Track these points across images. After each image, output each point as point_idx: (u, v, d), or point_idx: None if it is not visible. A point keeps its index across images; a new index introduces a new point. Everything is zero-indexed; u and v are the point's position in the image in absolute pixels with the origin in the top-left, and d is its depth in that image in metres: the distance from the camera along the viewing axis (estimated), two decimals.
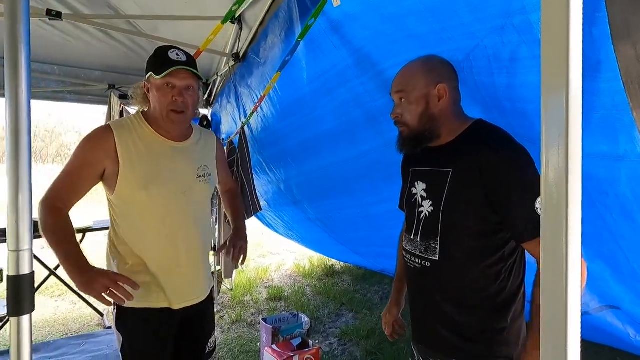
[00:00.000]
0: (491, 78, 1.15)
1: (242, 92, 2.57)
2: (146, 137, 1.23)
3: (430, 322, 1.07)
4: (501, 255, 0.97)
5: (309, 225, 3.23)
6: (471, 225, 0.97)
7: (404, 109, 1.04)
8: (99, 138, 1.19)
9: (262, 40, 2.02)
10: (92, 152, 1.17)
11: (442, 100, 1.01)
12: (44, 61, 3.21)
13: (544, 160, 0.46)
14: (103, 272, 1.11)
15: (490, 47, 1.08)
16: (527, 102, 1.09)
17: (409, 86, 1.03)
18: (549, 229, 0.43)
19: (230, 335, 3.12)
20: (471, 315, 1.00)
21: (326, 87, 1.73)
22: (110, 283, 1.07)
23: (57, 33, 2.69)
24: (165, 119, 1.21)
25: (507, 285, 0.98)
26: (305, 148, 2.30)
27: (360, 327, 3.19)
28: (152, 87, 1.21)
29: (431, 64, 1.04)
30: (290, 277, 4.72)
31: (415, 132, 1.04)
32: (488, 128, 1.03)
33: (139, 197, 1.19)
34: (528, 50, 1.00)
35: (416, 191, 1.10)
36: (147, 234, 1.22)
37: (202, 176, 1.32)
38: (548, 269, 0.42)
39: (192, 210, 1.28)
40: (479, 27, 1.07)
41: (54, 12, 1.71)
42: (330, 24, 1.48)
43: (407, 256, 1.12)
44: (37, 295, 3.57)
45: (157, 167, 1.22)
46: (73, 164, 1.18)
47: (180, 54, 1.20)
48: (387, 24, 1.31)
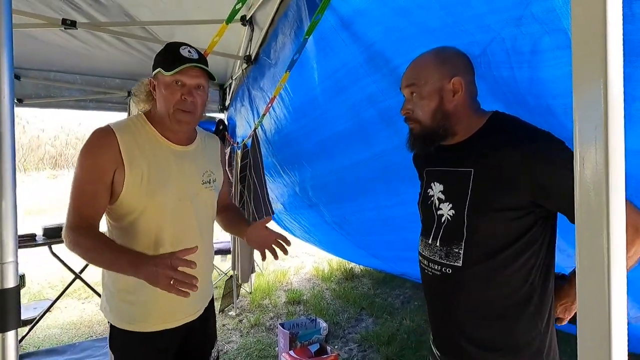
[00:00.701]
0: (511, 72, 1.06)
1: (255, 94, 2.55)
2: (150, 140, 1.15)
3: (452, 332, 0.99)
4: (528, 257, 0.89)
5: (326, 229, 3.18)
6: (501, 228, 0.89)
7: (415, 105, 0.97)
8: (101, 143, 1.09)
9: (272, 40, 1.99)
10: (97, 158, 1.07)
11: (457, 95, 0.93)
12: (66, 71, 3.32)
13: (579, 158, 0.40)
14: (158, 261, 0.96)
15: (509, 40, 1.00)
16: (553, 97, 0.99)
17: (420, 79, 0.95)
18: (586, 235, 0.37)
19: (249, 339, 3.10)
20: (497, 325, 0.93)
21: (338, 87, 1.68)
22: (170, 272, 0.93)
23: (78, 43, 2.77)
24: (171, 119, 1.12)
25: (536, 292, 0.90)
26: (319, 150, 2.25)
27: (381, 332, 3.10)
28: (160, 84, 1.11)
29: (445, 55, 0.96)
30: (310, 280, 4.68)
31: (428, 130, 0.96)
32: (508, 121, 0.95)
33: (143, 205, 1.11)
34: (551, 41, 0.90)
35: (433, 193, 1.02)
36: (149, 244, 1.13)
37: (208, 182, 1.25)
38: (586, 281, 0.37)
39: (197, 219, 1.21)
40: (494, 19, 0.99)
41: (69, 21, 1.74)
42: (340, 20, 1.42)
43: (423, 262, 1.04)
44: (64, 298, 3.68)
45: (162, 172, 1.13)
46: (82, 178, 1.08)
47: (192, 51, 1.12)
48: (397, 18, 1.25)
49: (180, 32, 2.48)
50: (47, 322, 3.44)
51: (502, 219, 0.88)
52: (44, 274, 4.96)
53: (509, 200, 0.87)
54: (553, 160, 0.82)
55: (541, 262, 0.90)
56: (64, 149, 23.14)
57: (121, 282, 1.13)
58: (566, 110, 0.96)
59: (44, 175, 19.22)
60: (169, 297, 0.96)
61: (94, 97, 3.56)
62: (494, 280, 0.91)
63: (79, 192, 1.07)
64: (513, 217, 0.87)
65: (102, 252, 1.03)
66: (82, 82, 3.44)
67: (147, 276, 0.95)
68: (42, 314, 3.22)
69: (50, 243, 3.09)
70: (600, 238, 0.36)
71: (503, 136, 0.89)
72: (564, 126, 0.98)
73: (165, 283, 0.93)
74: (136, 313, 1.13)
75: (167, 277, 0.93)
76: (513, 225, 0.88)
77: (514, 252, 0.89)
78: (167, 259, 0.96)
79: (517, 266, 0.89)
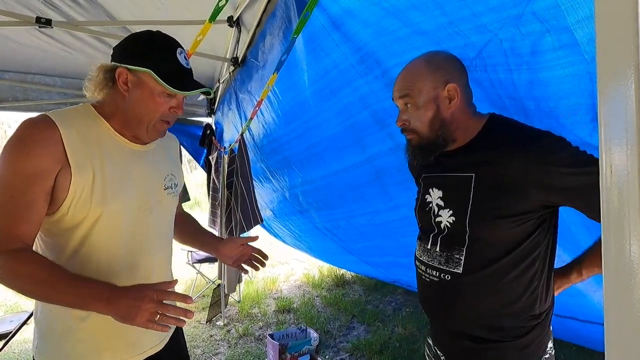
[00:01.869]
0: (509, 75, 1.02)
1: (242, 98, 2.48)
2: (102, 137, 0.93)
3: (452, 337, 0.96)
4: (531, 262, 0.87)
5: (317, 235, 3.11)
6: (504, 234, 0.86)
7: (411, 115, 0.93)
8: (38, 138, 0.84)
9: (260, 42, 1.93)
10: (32, 160, 0.82)
11: (453, 101, 0.90)
12: (45, 73, 3.19)
13: (605, 164, 0.37)
14: (138, 294, 0.80)
15: (507, 41, 0.95)
16: (556, 99, 0.95)
17: (414, 90, 0.91)
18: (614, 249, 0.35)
19: (237, 350, 3.00)
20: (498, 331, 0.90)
21: (329, 89, 1.62)
22: (157, 307, 0.78)
23: (58, 45, 2.66)
24: (150, 128, 0.95)
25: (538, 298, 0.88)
26: (310, 155, 2.19)
27: (373, 341, 3.03)
28: (143, 87, 0.91)
29: (436, 61, 0.92)
30: (300, 287, 4.59)
31: (427, 140, 0.93)
32: (506, 123, 0.92)
33: (93, 217, 0.89)
34: (553, 41, 0.86)
35: (431, 199, 0.99)
36: (98, 264, 0.91)
37: (170, 187, 1.07)
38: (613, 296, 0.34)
39: (158, 231, 1.04)
40: (492, 18, 0.94)
41: (44, 19, 1.64)
42: (330, 20, 1.37)
43: (420, 267, 1.00)
44: None
45: (119, 176, 0.93)
46: (12, 184, 0.82)
47: (186, 57, 0.98)
48: (389, 19, 1.20)
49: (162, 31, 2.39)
50: (23, 335, 3.27)
51: (505, 225, 0.85)
52: None
53: (514, 206, 0.84)
54: (562, 160, 0.79)
55: (543, 266, 0.88)
56: None
57: (65, 315, 0.91)
58: (571, 112, 0.92)
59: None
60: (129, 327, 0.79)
61: (74, 100, 3.42)
62: (495, 287, 0.88)
63: (7, 203, 0.82)
64: (517, 222, 0.84)
65: (55, 285, 0.80)
66: (62, 84, 3.31)
67: (124, 312, 0.78)
68: (19, 327, 3.06)
69: None
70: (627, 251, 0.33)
71: (504, 140, 0.86)
72: (566, 129, 0.94)
73: (146, 319, 0.78)
74: (86, 352, 0.92)
75: (152, 312, 0.78)
76: (516, 230, 0.85)
77: (516, 257, 0.86)
78: (152, 291, 0.80)
79: (518, 272, 0.86)
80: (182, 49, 0.97)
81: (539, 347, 0.89)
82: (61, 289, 0.81)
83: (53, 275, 0.82)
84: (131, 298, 0.79)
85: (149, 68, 0.90)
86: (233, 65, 2.38)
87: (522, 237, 0.85)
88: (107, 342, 0.95)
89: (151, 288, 0.82)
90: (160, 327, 0.80)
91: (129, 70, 0.91)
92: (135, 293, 0.80)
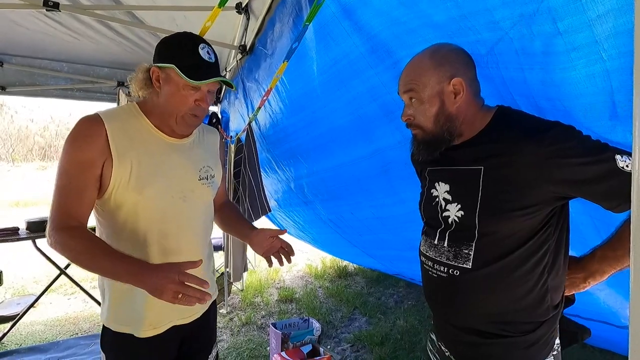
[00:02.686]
0: (521, 74, 0.99)
1: (249, 86, 2.45)
2: (142, 131, 1.06)
3: (459, 333, 0.95)
4: (542, 256, 0.85)
5: (321, 226, 3.11)
6: (515, 227, 0.84)
7: (416, 110, 0.92)
8: (88, 133, 1.00)
9: (269, 29, 1.89)
10: (83, 151, 0.98)
11: (459, 96, 0.88)
12: (52, 58, 3.19)
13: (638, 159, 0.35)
14: (165, 274, 0.90)
15: (517, 40, 0.92)
16: (571, 100, 0.92)
17: (418, 84, 0.90)
18: None
19: (240, 338, 3.03)
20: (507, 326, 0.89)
21: (338, 79, 1.59)
22: (178, 287, 0.88)
23: (65, 30, 2.65)
24: (179, 121, 1.05)
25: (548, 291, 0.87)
26: (317, 145, 2.17)
27: (374, 332, 3.05)
28: (171, 82, 1.02)
29: (441, 55, 0.90)
30: (302, 278, 4.61)
31: (432, 135, 0.92)
32: (515, 115, 0.90)
33: (132, 202, 1.02)
34: (566, 42, 0.82)
35: (437, 193, 0.97)
36: (139, 244, 1.04)
37: (205, 178, 1.16)
38: None
39: (192, 218, 1.12)
40: (504, 15, 0.90)
41: (51, 2, 1.62)
42: (342, 8, 1.34)
43: (427, 263, 0.99)
44: (49, 294, 3.58)
45: (153, 166, 1.05)
46: (68, 171, 0.98)
47: (210, 51, 1.04)
48: (401, 9, 1.17)
49: (168, 18, 2.36)
50: (30, 318, 3.33)
51: (515, 218, 0.84)
52: (29, 268, 4.82)
53: (524, 199, 0.82)
54: (572, 149, 0.77)
55: (553, 261, 0.87)
56: (53, 140, 22.70)
57: (114, 284, 1.06)
58: (588, 111, 0.89)
59: (33, 166, 18.85)
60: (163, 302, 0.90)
61: (81, 86, 3.42)
62: (505, 282, 0.87)
63: (65, 187, 0.98)
64: (527, 215, 0.83)
65: (95, 258, 0.94)
66: (69, 70, 3.31)
67: (151, 288, 0.89)
68: (26, 310, 3.11)
69: (33, 237, 2.98)
70: None
71: (513, 131, 0.85)
72: (584, 127, 0.91)
73: (170, 296, 0.88)
74: (129, 317, 1.05)
75: (175, 291, 0.88)
76: (526, 224, 0.84)
77: (527, 252, 0.85)
78: (175, 272, 0.90)
79: (529, 266, 0.85)
80: (205, 44, 1.04)
81: (547, 343, 0.89)
82: (100, 263, 0.94)
83: (94, 249, 0.95)
84: (157, 277, 0.89)
85: (172, 63, 0.99)
86: (241, 53, 2.35)
87: (532, 231, 0.84)
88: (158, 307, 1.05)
89: (176, 270, 0.91)
90: (184, 303, 0.89)
91: (159, 68, 1.03)
92: (161, 273, 0.90)
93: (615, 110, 0.84)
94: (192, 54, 1.00)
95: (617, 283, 1.35)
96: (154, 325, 1.08)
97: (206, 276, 1.22)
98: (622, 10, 0.70)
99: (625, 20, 0.71)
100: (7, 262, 4.93)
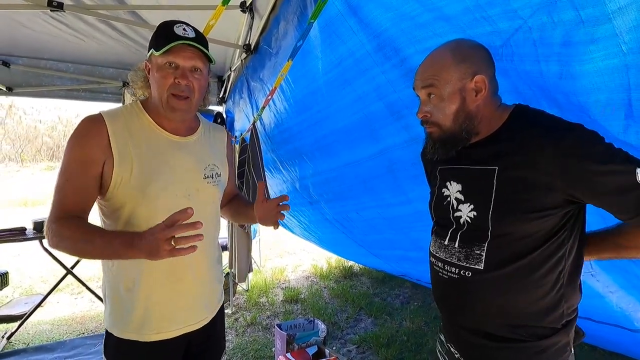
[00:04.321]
0: (537, 66, 0.96)
1: (254, 86, 2.44)
2: (145, 130, 1.04)
3: (471, 336, 0.92)
4: (557, 260, 0.82)
5: (327, 226, 3.09)
6: (528, 229, 0.81)
7: (434, 107, 0.89)
8: (89, 131, 0.99)
9: (274, 28, 1.87)
10: (84, 148, 0.98)
11: (480, 94, 0.86)
12: (57, 59, 3.20)
13: None
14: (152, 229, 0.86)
15: (537, 29, 0.89)
16: (587, 94, 0.89)
17: (440, 80, 0.86)
18: None
19: (245, 338, 3.02)
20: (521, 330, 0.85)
21: (343, 78, 1.57)
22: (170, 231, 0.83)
23: (70, 31, 2.66)
24: (165, 105, 1.01)
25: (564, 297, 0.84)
26: (322, 145, 2.15)
27: (380, 333, 3.02)
28: (152, 67, 1.01)
29: (463, 51, 0.87)
30: (307, 278, 4.60)
31: (449, 133, 0.89)
32: (533, 114, 0.86)
33: (134, 200, 1.00)
34: (587, 33, 0.79)
35: (449, 193, 0.95)
36: None
37: (211, 177, 1.13)
38: None
39: (197, 217, 1.07)
40: (523, 2, 0.88)
41: (56, 2, 1.62)
42: (348, 5, 1.31)
43: (437, 264, 0.96)
44: (56, 293, 3.60)
45: (157, 165, 1.02)
46: (69, 169, 0.98)
47: (188, 29, 1.00)
48: (411, 3, 1.14)
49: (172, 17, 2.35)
50: (37, 317, 3.35)
51: (529, 220, 0.81)
52: (37, 267, 4.86)
53: (539, 201, 0.79)
54: (593, 155, 0.74)
55: (570, 266, 0.84)
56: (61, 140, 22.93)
57: (119, 285, 1.04)
58: (603, 108, 0.86)
59: (41, 166, 19.06)
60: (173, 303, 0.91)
61: (87, 86, 3.44)
62: (517, 285, 0.84)
63: (65, 184, 0.97)
64: (541, 218, 0.80)
65: (91, 240, 0.92)
66: (75, 70, 3.32)
67: (147, 249, 0.84)
68: (33, 309, 3.13)
69: (40, 237, 3.00)
70: None
71: (530, 131, 0.81)
72: (597, 124, 0.88)
73: (167, 249, 0.83)
74: (133, 322, 1.03)
75: (167, 239, 0.83)
76: (541, 227, 0.81)
77: (541, 255, 0.82)
78: (160, 228, 0.85)
79: (544, 271, 0.82)
80: (183, 23, 1.02)
81: (560, 352, 0.85)
82: (96, 244, 0.91)
83: (88, 232, 0.93)
84: (148, 234, 0.86)
85: (151, 48, 1.01)
86: (245, 52, 2.33)
87: (547, 234, 0.81)
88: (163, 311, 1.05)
89: (161, 226, 0.86)
90: (184, 250, 0.85)
91: (147, 60, 1.04)
92: (150, 229, 0.87)
93: (631, 110, 0.81)
94: (167, 33, 0.99)
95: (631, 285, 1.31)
96: (157, 330, 1.05)
97: (215, 282, 1.19)
98: None
99: None
100: (14, 261, 4.98)
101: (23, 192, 11.82)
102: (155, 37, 1.02)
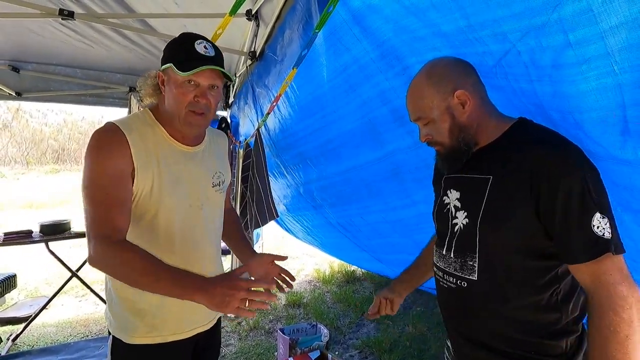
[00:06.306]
0: (531, 85, 0.97)
1: (259, 92, 2.47)
2: (159, 141, 1.05)
3: (473, 347, 0.93)
4: (552, 277, 0.82)
5: (330, 230, 3.10)
6: (516, 239, 0.82)
7: (430, 130, 0.94)
8: (113, 141, 0.97)
9: (279, 36, 1.91)
10: (114, 161, 0.95)
11: (466, 105, 0.88)
12: (66, 64, 3.26)
13: None
14: (232, 284, 0.84)
15: (525, 53, 0.90)
16: (582, 112, 0.88)
17: (425, 110, 0.92)
18: None
19: (248, 342, 3.03)
20: (515, 347, 0.85)
21: (348, 84, 1.59)
22: (248, 295, 0.83)
23: (79, 38, 2.71)
24: (182, 120, 1.02)
25: (561, 314, 0.83)
26: (326, 150, 2.17)
27: (383, 339, 3.02)
28: (170, 82, 1.01)
29: (437, 71, 0.91)
30: (310, 282, 4.60)
31: (451, 149, 0.93)
32: (534, 128, 0.88)
33: (152, 212, 1.02)
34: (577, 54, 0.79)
35: (449, 200, 0.97)
36: (160, 253, 0.98)
37: (218, 185, 1.17)
38: None
39: (208, 225, 1.13)
40: (512, 26, 0.87)
41: (67, 11, 1.66)
42: (352, 14, 1.34)
43: (438, 274, 0.99)
44: (61, 296, 3.62)
45: (173, 178, 1.04)
46: (103, 183, 0.94)
47: (208, 46, 1.02)
48: (410, 17, 1.16)
49: (179, 25, 2.40)
50: (42, 320, 3.37)
51: (516, 230, 0.81)
52: (42, 270, 4.90)
53: (529, 213, 0.80)
54: (572, 186, 0.74)
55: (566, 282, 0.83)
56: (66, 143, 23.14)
57: (128, 289, 1.03)
58: (598, 125, 0.86)
59: (46, 169, 19.20)
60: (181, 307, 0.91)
61: (94, 91, 3.49)
62: (512, 297, 0.84)
63: (106, 199, 0.93)
64: (534, 229, 0.80)
65: (154, 272, 0.87)
66: (83, 76, 3.38)
67: (219, 301, 0.82)
68: (38, 311, 3.16)
69: (46, 240, 3.03)
70: None
71: (526, 141, 0.83)
72: (594, 141, 0.88)
73: (237, 307, 0.82)
74: (142, 323, 1.04)
75: (243, 300, 0.83)
76: (529, 242, 0.81)
77: (533, 268, 0.82)
78: (240, 282, 0.84)
79: (539, 284, 0.82)
80: (203, 39, 1.03)
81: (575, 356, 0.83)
82: (162, 281, 0.86)
83: (155, 267, 0.88)
84: (226, 287, 0.83)
85: (170, 62, 0.99)
86: (250, 59, 2.37)
87: (537, 250, 0.81)
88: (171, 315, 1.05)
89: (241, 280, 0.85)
90: (249, 312, 0.85)
91: (162, 71, 1.04)
92: (229, 282, 0.84)
93: (627, 126, 0.82)
94: (188, 49, 0.99)
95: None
96: (174, 331, 1.07)
97: None
98: (636, 22, 0.68)
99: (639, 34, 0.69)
100: (20, 264, 5.02)
101: (29, 194, 11.92)
102: (176, 51, 1.01)
